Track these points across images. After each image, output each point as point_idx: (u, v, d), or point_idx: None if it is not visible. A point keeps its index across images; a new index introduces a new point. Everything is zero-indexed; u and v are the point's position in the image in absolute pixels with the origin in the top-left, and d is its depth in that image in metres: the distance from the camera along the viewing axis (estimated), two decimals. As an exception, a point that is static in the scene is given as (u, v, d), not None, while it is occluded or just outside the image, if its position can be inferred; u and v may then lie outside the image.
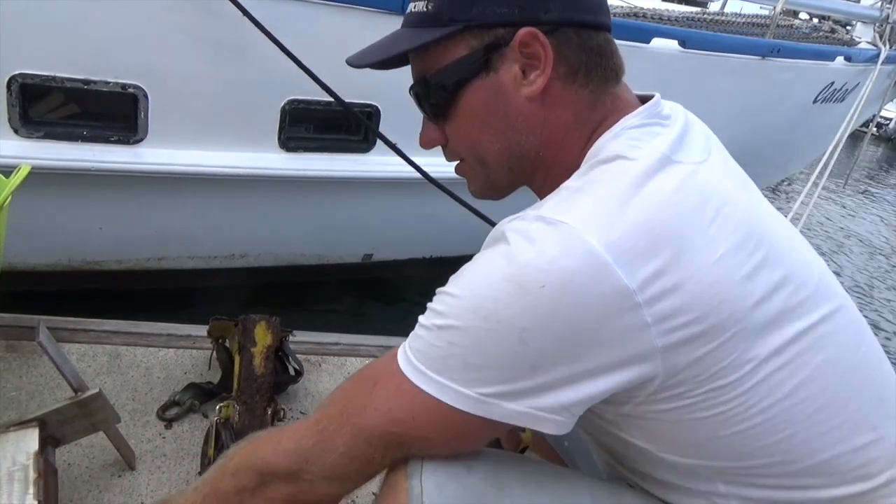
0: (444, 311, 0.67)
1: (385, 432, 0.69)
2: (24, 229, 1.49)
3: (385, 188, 2.79)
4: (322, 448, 0.71)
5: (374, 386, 0.71)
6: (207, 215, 2.62)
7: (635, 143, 0.70)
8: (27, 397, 1.41)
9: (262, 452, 0.76)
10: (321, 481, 0.73)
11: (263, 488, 0.74)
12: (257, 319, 1.48)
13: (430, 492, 0.69)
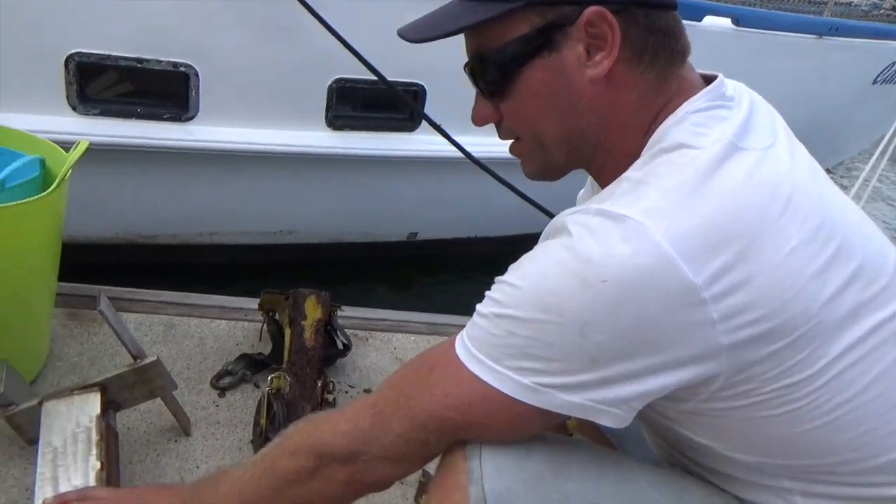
0: (504, 300, 0.66)
1: (441, 417, 0.69)
2: (83, 204, 1.54)
3: (430, 168, 2.79)
4: (379, 430, 0.72)
5: (432, 372, 0.71)
6: (256, 192, 2.67)
7: (699, 130, 0.67)
8: (88, 363, 1.46)
9: (320, 433, 0.77)
10: (378, 462, 0.73)
11: (322, 470, 0.75)
12: (307, 294, 1.50)
13: (490, 475, 0.69)
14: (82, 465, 1.06)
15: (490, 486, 0.68)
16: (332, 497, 0.78)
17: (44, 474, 1.04)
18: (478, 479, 0.69)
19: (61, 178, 1.24)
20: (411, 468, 0.76)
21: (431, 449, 0.73)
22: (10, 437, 1.19)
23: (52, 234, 1.30)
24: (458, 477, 0.70)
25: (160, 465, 1.26)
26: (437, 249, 3.26)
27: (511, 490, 0.68)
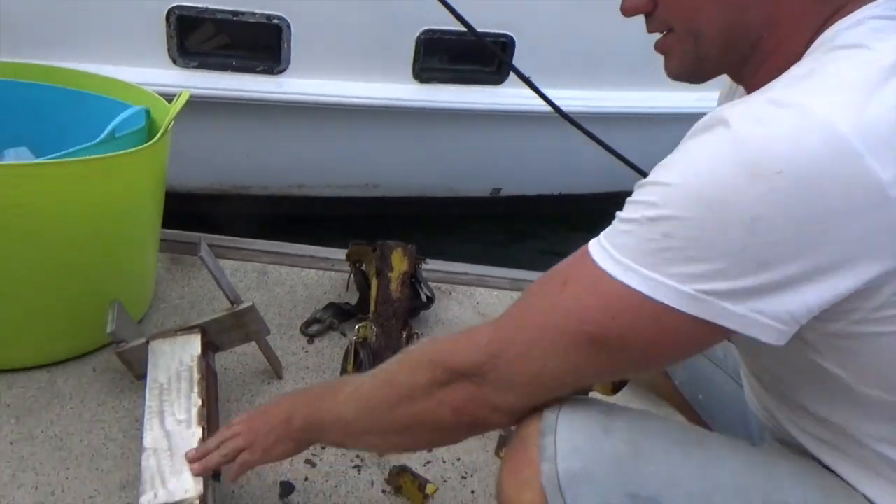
0: (658, 201, 0.60)
1: (576, 332, 0.64)
2: (181, 154, 1.61)
3: (516, 122, 2.74)
4: (504, 348, 0.68)
5: (565, 285, 0.65)
6: (342, 145, 2.70)
7: (879, 35, 0.60)
8: (189, 306, 1.54)
9: (442, 351, 0.75)
10: (498, 388, 0.69)
11: (442, 388, 0.73)
12: (394, 246, 1.52)
13: (565, 453, 0.66)
14: (185, 401, 1.13)
15: (564, 466, 0.66)
16: (441, 423, 0.75)
17: (151, 408, 1.11)
18: (551, 456, 0.67)
19: (165, 127, 1.29)
20: (531, 399, 0.71)
21: (558, 377, 0.68)
22: (122, 371, 1.28)
23: (157, 181, 1.36)
24: (530, 452, 0.68)
25: (254, 404, 1.33)
26: (520, 206, 3.23)
27: (586, 470, 0.66)
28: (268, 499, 1.14)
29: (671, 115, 2.96)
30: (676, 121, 3.02)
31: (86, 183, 1.17)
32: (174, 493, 0.99)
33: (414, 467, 1.24)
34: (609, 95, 2.82)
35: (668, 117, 2.96)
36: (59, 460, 1.13)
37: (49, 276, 1.21)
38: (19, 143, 1.44)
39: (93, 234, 1.23)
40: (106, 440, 1.19)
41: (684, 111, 2.94)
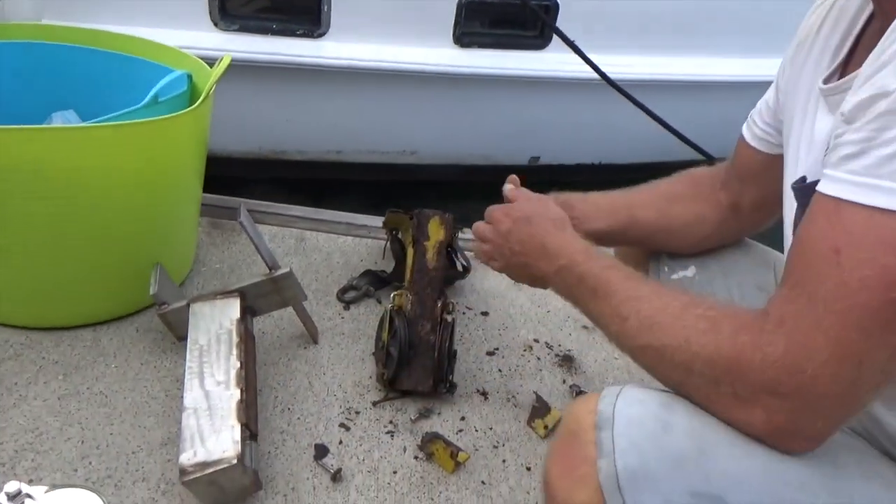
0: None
1: (885, 302, 0.54)
2: (221, 118, 1.62)
3: (558, 88, 2.68)
4: (804, 357, 0.57)
5: (838, 253, 0.56)
6: (381, 110, 2.69)
7: None
8: (228, 270, 1.57)
9: (731, 359, 0.62)
10: (809, 407, 0.58)
11: (736, 399, 0.62)
12: (431, 214, 1.51)
13: (624, 449, 0.62)
14: (224, 363, 1.15)
15: (624, 463, 0.62)
16: (722, 416, 0.65)
17: (192, 368, 1.14)
18: (609, 452, 0.63)
19: (207, 92, 1.29)
20: (847, 412, 0.59)
21: (881, 370, 0.57)
22: (163, 332, 1.31)
23: (199, 145, 1.37)
24: (585, 448, 0.65)
25: (291, 368, 1.35)
26: (558, 175, 3.18)
27: (647, 469, 0.62)
28: (302, 460, 1.17)
29: (720, 83, 2.87)
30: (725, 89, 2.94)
31: (131, 147, 1.19)
32: (213, 452, 1.02)
33: (446, 435, 1.25)
34: (656, 62, 2.74)
35: (717, 85, 2.87)
36: (104, 416, 1.17)
37: (94, 238, 1.24)
38: (65, 106, 1.47)
39: (136, 197, 1.25)
40: (148, 398, 1.22)
41: (734, 79, 2.85)
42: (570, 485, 0.66)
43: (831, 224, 0.57)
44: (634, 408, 0.66)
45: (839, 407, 0.58)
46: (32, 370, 1.23)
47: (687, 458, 0.62)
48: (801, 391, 0.58)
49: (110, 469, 1.09)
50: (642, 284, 0.75)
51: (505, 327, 1.57)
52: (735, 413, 0.63)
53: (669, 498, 0.62)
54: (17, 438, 1.11)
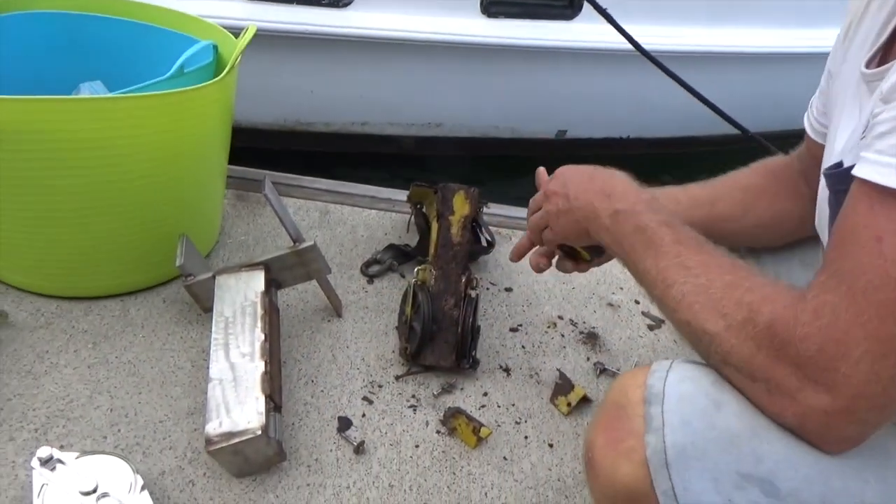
0: None
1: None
2: (248, 90, 1.61)
3: (587, 60, 2.63)
4: (841, 352, 0.54)
5: (880, 242, 0.54)
6: (407, 82, 2.66)
7: None
8: (254, 242, 1.57)
9: (754, 334, 0.61)
10: (839, 403, 0.56)
11: (778, 388, 0.60)
12: (456, 189, 1.50)
13: (674, 426, 0.61)
14: (249, 335, 1.16)
15: (673, 439, 0.61)
16: (758, 404, 0.62)
17: (217, 340, 1.15)
18: (658, 427, 0.62)
19: (233, 62, 1.28)
20: (887, 414, 0.57)
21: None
22: (190, 303, 1.33)
23: (224, 117, 1.37)
24: (632, 422, 0.64)
25: (314, 341, 1.36)
26: (586, 149, 3.13)
27: (697, 447, 0.61)
28: (326, 432, 1.18)
29: (757, 55, 2.78)
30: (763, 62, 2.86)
31: (157, 118, 1.19)
32: (238, 422, 1.03)
33: (468, 410, 1.25)
34: (693, 32, 2.67)
35: (754, 58, 2.79)
36: (132, 385, 1.19)
37: (122, 209, 1.25)
38: (93, 77, 1.47)
39: (163, 168, 1.26)
40: (175, 368, 1.24)
41: (772, 51, 2.76)
42: (614, 457, 0.65)
43: (873, 210, 0.55)
44: (686, 384, 0.64)
45: (876, 408, 0.56)
46: (63, 339, 1.26)
47: (738, 438, 0.61)
48: (836, 391, 0.55)
49: (138, 437, 1.11)
50: (694, 252, 0.71)
51: (529, 303, 1.56)
52: (769, 409, 0.61)
53: (717, 477, 0.61)
54: (48, 405, 1.13)
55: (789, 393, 0.58)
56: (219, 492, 1.05)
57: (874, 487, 0.61)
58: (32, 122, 1.09)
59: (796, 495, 0.60)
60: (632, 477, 0.63)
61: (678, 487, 0.61)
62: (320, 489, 1.09)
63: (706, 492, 0.61)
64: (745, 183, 1.02)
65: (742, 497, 0.60)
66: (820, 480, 0.60)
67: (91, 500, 0.92)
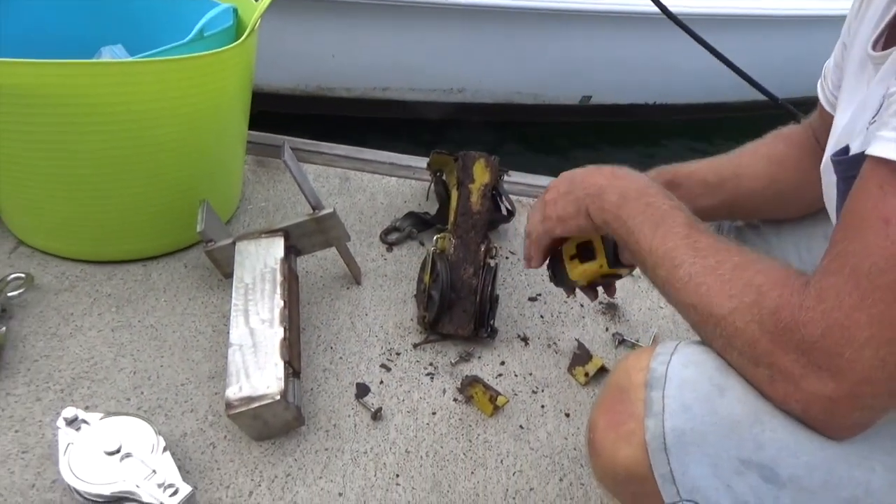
0: None
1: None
2: (269, 54, 1.59)
3: (613, 23, 2.57)
4: (843, 338, 0.53)
5: (888, 224, 0.52)
6: (428, 46, 2.62)
7: None
8: (273, 209, 1.58)
9: (759, 317, 0.59)
10: (842, 389, 0.54)
11: (783, 376, 0.58)
12: (476, 156, 1.48)
13: (674, 411, 0.61)
14: (268, 301, 1.17)
15: (672, 424, 0.61)
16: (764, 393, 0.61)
17: (237, 306, 1.16)
18: (658, 412, 0.61)
19: (252, 26, 1.27)
20: (892, 397, 0.55)
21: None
22: (210, 268, 1.34)
23: (244, 81, 1.36)
24: (633, 405, 0.63)
25: (334, 308, 1.36)
26: (611, 115, 3.08)
27: (696, 432, 0.60)
28: (344, 398, 1.19)
29: (785, 18, 2.70)
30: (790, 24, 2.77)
31: (178, 82, 1.18)
32: (257, 387, 1.05)
33: (486, 378, 1.25)
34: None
35: (784, 21, 2.70)
36: (155, 349, 1.21)
37: (143, 173, 1.25)
38: (114, 41, 1.46)
39: (184, 133, 1.26)
40: (196, 333, 1.26)
41: (799, 14, 2.67)
42: (614, 440, 0.65)
43: (883, 191, 0.52)
44: (690, 370, 0.63)
45: (880, 395, 0.54)
46: (87, 302, 1.28)
47: (740, 425, 0.60)
48: (840, 377, 0.54)
49: (161, 399, 1.13)
50: (704, 236, 0.69)
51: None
52: (773, 395, 0.60)
53: (716, 462, 0.60)
54: (73, 367, 1.16)
55: (793, 379, 0.57)
56: (239, 454, 1.07)
57: (881, 476, 0.60)
58: (54, 85, 1.09)
59: (797, 482, 0.59)
60: (631, 460, 0.63)
61: (676, 471, 0.61)
62: (338, 454, 1.10)
63: (705, 476, 0.60)
64: (767, 152, 0.99)
65: (741, 482, 0.60)
66: (823, 468, 0.59)
67: (115, 459, 0.95)
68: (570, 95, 2.97)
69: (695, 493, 0.61)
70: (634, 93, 3.01)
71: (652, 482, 0.62)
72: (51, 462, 1.01)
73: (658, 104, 3.07)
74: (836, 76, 0.87)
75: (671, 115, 3.10)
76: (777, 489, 0.59)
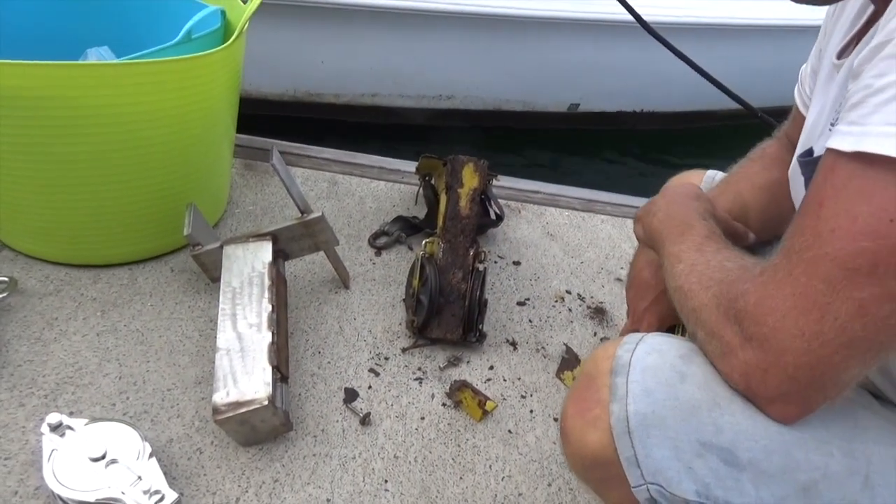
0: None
1: (852, 253, 0.51)
2: (257, 59, 1.59)
3: (598, 32, 2.59)
4: (766, 308, 0.56)
5: (820, 206, 0.54)
6: (418, 53, 2.63)
7: None
8: (261, 212, 1.57)
9: (717, 293, 0.63)
10: (776, 366, 0.56)
11: (729, 350, 0.61)
12: (465, 161, 1.48)
13: (637, 395, 0.63)
14: (256, 305, 1.16)
15: (635, 408, 0.63)
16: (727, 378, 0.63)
17: (224, 310, 1.15)
18: (622, 396, 0.63)
19: (240, 29, 1.27)
20: (813, 375, 0.56)
21: (844, 331, 0.53)
22: (198, 272, 1.33)
23: (232, 84, 1.35)
24: (599, 391, 0.66)
25: (322, 312, 1.36)
26: (598, 123, 3.10)
27: (658, 415, 0.62)
28: (332, 403, 1.18)
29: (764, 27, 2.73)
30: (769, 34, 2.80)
31: (165, 84, 1.18)
32: (245, 392, 1.04)
33: (475, 383, 1.25)
34: (699, 4, 2.61)
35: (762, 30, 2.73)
36: (141, 353, 1.20)
37: (129, 177, 1.24)
38: (100, 42, 1.45)
39: (171, 136, 1.25)
40: (183, 337, 1.24)
41: (778, 24, 2.70)
42: (582, 425, 0.67)
43: (825, 179, 0.55)
44: (652, 356, 0.66)
45: (804, 366, 0.55)
46: (72, 306, 1.26)
47: (699, 409, 0.62)
48: (765, 344, 0.57)
49: (147, 405, 1.12)
50: (715, 243, 0.73)
51: (537, 277, 1.55)
52: (723, 368, 0.63)
53: (678, 445, 0.62)
54: (58, 372, 1.14)
55: (734, 350, 0.60)
56: (226, 460, 1.06)
57: (839, 461, 0.61)
58: (39, 87, 1.08)
59: (756, 465, 0.60)
60: (598, 444, 0.65)
61: (640, 454, 0.63)
62: (326, 459, 1.09)
63: (666, 458, 0.62)
64: (763, 182, 1.00)
65: (702, 465, 0.61)
66: (781, 451, 0.60)
67: (100, 466, 0.93)
68: (558, 103, 2.99)
69: (658, 476, 0.63)
70: (622, 100, 3.04)
71: (618, 466, 0.64)
72: (34, 468, 0.99)
73: (645, 112, 3.09)
74: (811, 81, 0.90)
75: (658, 122, 3.13)
76: (737, 472, 0.61)
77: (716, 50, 2.52)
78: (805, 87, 0.92)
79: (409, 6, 2.37)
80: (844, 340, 0.54)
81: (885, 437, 0.65)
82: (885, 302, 0.52)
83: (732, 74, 2.16)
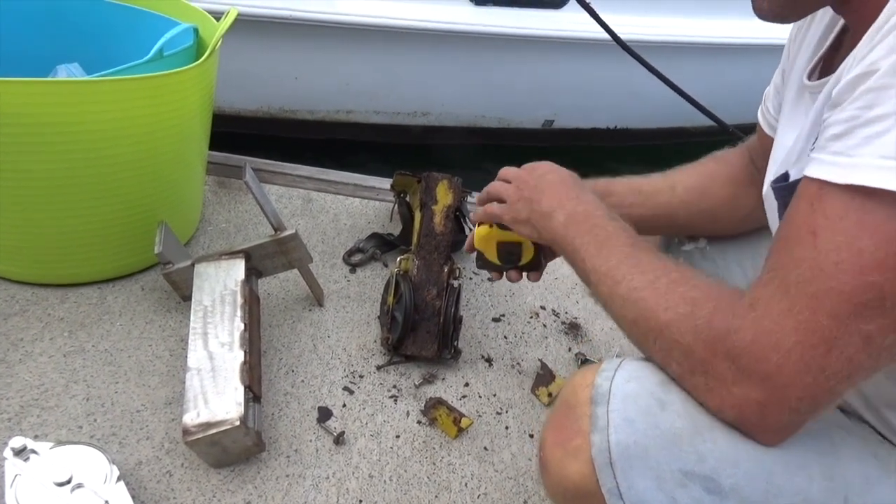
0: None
1: (858, 287, 0.51)
2: (231, 75, 1.58)
3: (574, 50, 2.63)
4: (769, 346, 0.55)
5: (815, 237, 0.54)
6: (393, 70, 2.64)
7: None
8: (234, 230, 1.55)
9: (694, 328, 0.61)
10: (777, 400, 0.56)
11: (708, 375, 0.60)
12: (440, 178, 1.48)
13: (618, 425, 0.62)
14: (228, 324, 1.14)
15: (616, 438, 0.62)
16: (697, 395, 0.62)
17: (195, 329, 1.13)
18: (603, 427, 0.62)
19: (213, 46, 1.26)
20: (815, 409, 0.56)
21: (851, 362, 0.53)
22: (168, 291, 1.31)
23: (205, 101, 1.34)
24: (580, 421, 0.65)
25: (296, 330, 1.34)
26: (572, 139, 3.13)
27: (640, 445, 0.61)
28: (305, 422, 1.17)
29: (739, 46, 2.79)
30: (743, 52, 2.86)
31: (136, 101, 1.16)
32: (216, 413, 1.02)
33: (450, 400, 1.25)
34: (672, 22, 2.66)
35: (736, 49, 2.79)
36: (109, 374, 1.18)
37: (99, 194, 1.22)
38: (70, 59, 1.44)
39: (141, 153, 1.23)
40: (153, 357, 1.22)
41: (752, 42, 2.77)
42: (562, 456, 0.66)
43: (812, 207, 0.55)
44: (631, 384, 0.65)
45: (806, 398, 0.55)
46: (38, 326, 1.24)
47: (681, 437, 0.61)
48: (768, 381, 0.55)
49: (115, 427, 1.10)
50: (644, 254, 0.72)
51: (511, 294, 1.55)
52: (709, 402, 0.61)
53: (660, 475, 0.61)
54: (22, 394, 1.12)
55: (726, 385, 0.58)
56: (196, 482, 1.04)
57: (819, 484, 0.61)
58: (7, 104, 1.06)
59: (739, 492, 0.60)
60: (579, 475, 0.64)
61: (623, 486, 0.62)
62: (299, 480, 1.08)
63: (650, 489, 0.61)
64: (701, 169, 1.04)
65: (685, 495, 0.61)
66: (762, 477, 0.60)
67: (65, 491, 0.91)
68: (533, 119, 3.02)
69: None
70: (596, 117, 3.07)
71: (600, 497, 0.63)
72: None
73: (619, 128, 3.14)
74: (776, 100, 0.91)
75: (633, 139, 3.17)
76: (720, 500, 0.60)
77: (689, 67, 2.57)
78: (768, 107, 0.94)
79: (383, 23, 2.38)
80: (850, 371, 0.54)
81: (860, 455, 0.65)
82: (891, 332, 0.52)
83: (705, 91, 2.21)
